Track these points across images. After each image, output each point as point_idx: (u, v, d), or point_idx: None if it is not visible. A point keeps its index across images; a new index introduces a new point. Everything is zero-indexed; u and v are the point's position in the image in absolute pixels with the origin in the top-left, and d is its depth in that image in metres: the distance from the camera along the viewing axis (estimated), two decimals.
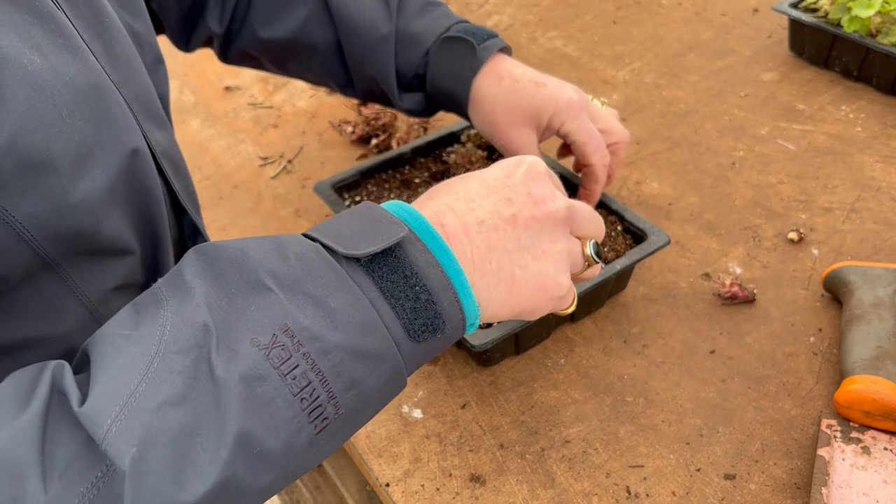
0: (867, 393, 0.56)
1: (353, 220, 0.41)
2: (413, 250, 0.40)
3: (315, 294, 0.37)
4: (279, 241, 0.39)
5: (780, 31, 1.07)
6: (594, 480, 0.58)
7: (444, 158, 0.82)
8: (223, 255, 0.37)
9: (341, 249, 0.38)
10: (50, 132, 0.37)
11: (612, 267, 0.65)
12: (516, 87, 0.66)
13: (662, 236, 0.67)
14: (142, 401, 0.33)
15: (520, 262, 0.44)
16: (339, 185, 0.77)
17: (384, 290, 0.39)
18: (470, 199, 0.45)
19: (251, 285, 0.36)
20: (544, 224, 0.45)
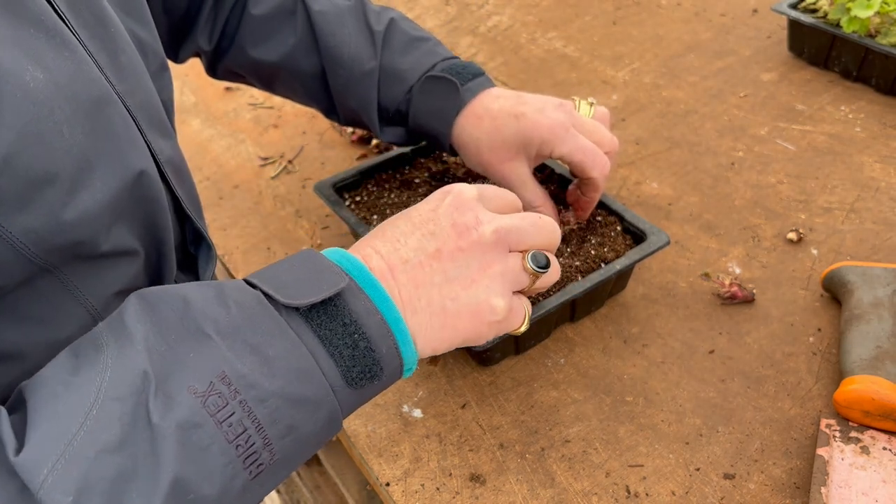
0: (866, 393, 0.56)
1: (295, 267, 0.42)
2: (353, 299, 0.40)
3: (254, 342, 0.37)
4: (221, 289, 0.39)
5: (779, 31, 1.07)
6: (594, 480, 0.58)
7: (445, 159, 0.82)
8: (165, 302, 0.38)
9: (281, 298, 0.39)
10: (49, 148, 0.37)
11: (612, 267, 0.65)
12: (496, 125, 0.65)
13: (662, 236, 0.67)
14: (80, 448, 0.33)
15: (449, 294, 0.44)
16: (340, 184, 0.77)
17: (323, 339, 0.40)
18: (395, 240, 0.45)
19: (191, 332, 0.37)
20: (471, 253, 0.45)
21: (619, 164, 0.88)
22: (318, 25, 0.68)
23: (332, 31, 0.68)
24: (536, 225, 0.48)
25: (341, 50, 0.68)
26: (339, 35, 0.68)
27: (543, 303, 0.62)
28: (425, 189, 0.78)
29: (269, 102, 1.06)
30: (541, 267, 0.47)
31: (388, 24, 0.70)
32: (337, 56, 0.68)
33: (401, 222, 0.46)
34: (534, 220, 0.48)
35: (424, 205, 0.47)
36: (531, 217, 0.48)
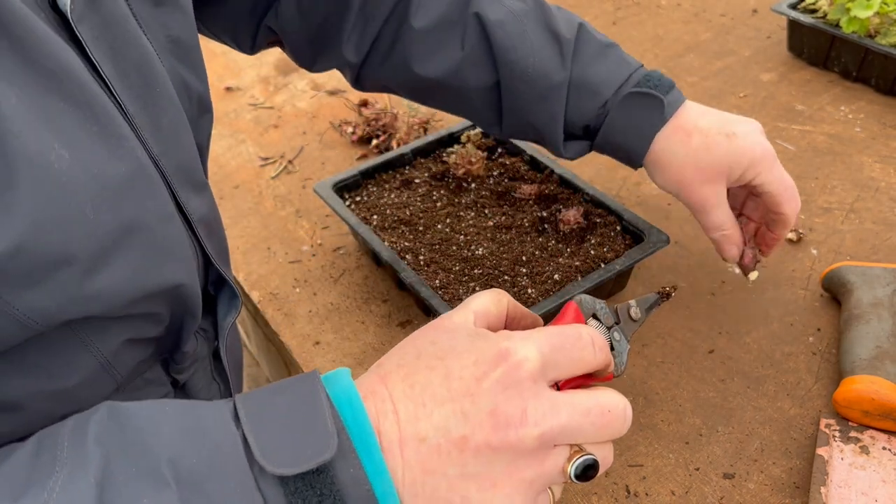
0: (866, 392, 0.56)
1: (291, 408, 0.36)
2: (342, 464, 0.35)
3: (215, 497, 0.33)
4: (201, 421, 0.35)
5: (779, 31, 1.07)
6: (594, 480, 0.58)
7: (444, 159, 0.82)
8: (134, 426, 0.34)
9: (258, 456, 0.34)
10: (69, 231, 0.35)
11: (612, 267, 0.65)
12: (706, 142, 0.60)
13: (661, 236, 0.67)
14: None
15: (461, 490, 0.37)
16: (340, 185, 0.78)
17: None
18: (422, 404, 0.37)
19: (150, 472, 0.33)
20: (502, 453, 0.36)
21: (618, 164, 0.88)
22: (496, 38, 0.60)
23: (513, 44, 0.60)
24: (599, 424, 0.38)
25: (525, 64, 0.60)
26: (522, 48, 0.60)
27: (543, 303, 0.63)
28: (425, 189, 0.79)
29: (269, 103, 1.06)
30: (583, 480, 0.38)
31: (578, 29, 0.62)
32: (519, 72, 0.61)
33: (437, 378, 0.38)
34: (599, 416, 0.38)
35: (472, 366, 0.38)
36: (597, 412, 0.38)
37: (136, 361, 0.45)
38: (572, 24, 0.62)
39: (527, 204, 0.76)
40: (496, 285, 0.66)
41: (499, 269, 0.68)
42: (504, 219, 0.74)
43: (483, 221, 0.74)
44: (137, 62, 0.43)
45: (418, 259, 0.70)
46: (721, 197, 0.62)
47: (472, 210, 0.76)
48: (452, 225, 0.74)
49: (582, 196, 0.74)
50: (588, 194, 0.74)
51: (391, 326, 0.72)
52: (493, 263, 0.69)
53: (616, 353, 0.45)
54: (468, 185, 0.79)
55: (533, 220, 0.73)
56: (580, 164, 0.88)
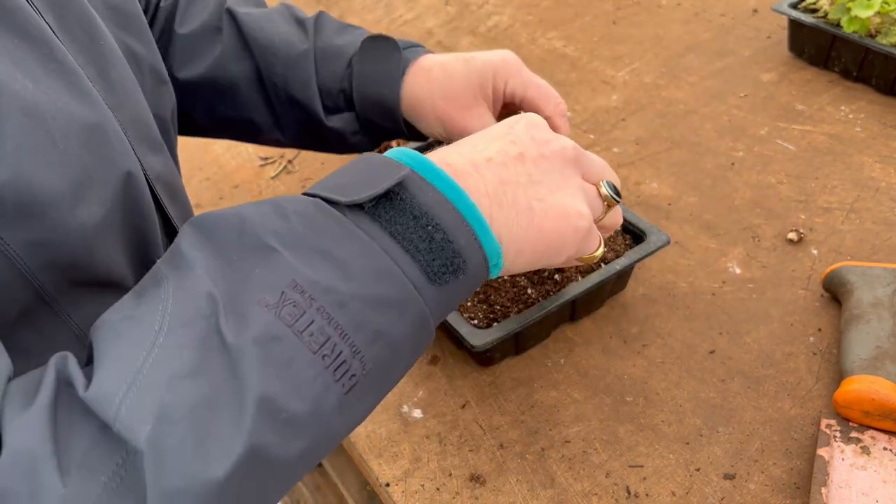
0: (866, 393, 0.56)
1: (352, 171, 0.39)
2: (418, 191, 0.38)
3: (322, 248, 0.35)
4: (277, 202, 0.37)
5: (779, 31, 1.07)
6: (594, 480, 0.58)
7: None
8: (221, 224, 0.36)
9: (342, 199, 0.37)
10: (45, 160, 0.36)
11: (612, 267, 0.65)
12: (446, 71, 0.62)
13: (662, 236, 0.67)
14: (150, 377, 0.31)
15: (535, 194, 0.43)
16: None
17: (395, 234, 0.37)
18: (474, 145, 0.44)
19: (253, 249, 0.35)
20: (553, 162, 0.44)
21: (618, 164, 0.88)
22: (245, 24, 0.65)
23: (260, 25, 0.65)
24: (606, 165, 0.49)
25: (272, 38, 0.65)
26: (268, 27, 0.65)
27: (543, 303, 0.62)
28: None
29: None
30: (616, 193, 0.47)
31: (318, 14, 0.68)
32: (268, 45, 0.65)
33: (476, 138, 0.45)
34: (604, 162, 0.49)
35: (496, 126, 0.46)
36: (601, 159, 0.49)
37: None
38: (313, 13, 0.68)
39: None
40: (496, 285, 0.66)
41: None
42: None
43: None
44: (78, 16, 0.44)
45: None
46: (485, 119, 0.63)
47: None
48: None
49: None
50: None
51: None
52: None
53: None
54: None
55: None
56: None
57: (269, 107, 0.67)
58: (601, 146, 0.91)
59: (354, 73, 0.64)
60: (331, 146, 0.70)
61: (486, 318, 0.63)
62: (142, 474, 0.30)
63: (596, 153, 0.90)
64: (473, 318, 0.63)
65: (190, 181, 0.94)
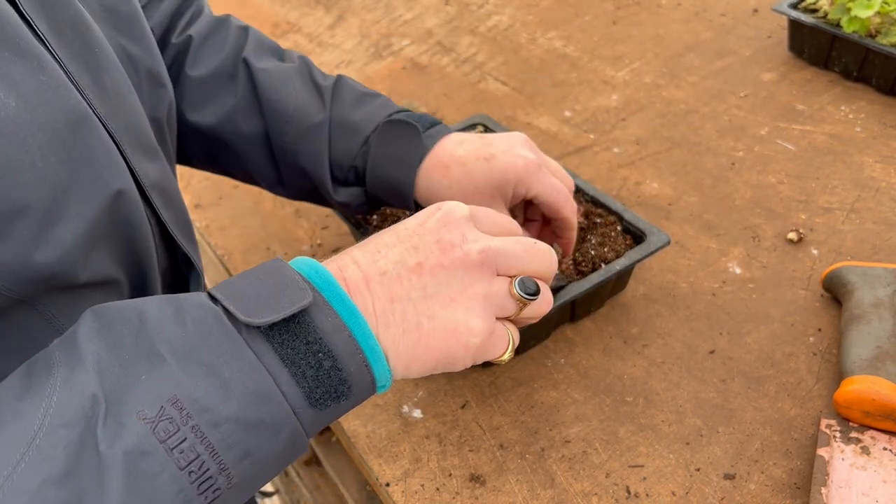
0: (867, 393, 0.56)
1: (260, 281, 0.39)
2: (319, 315, 0.38)
3: (210, 363, 0.35)
4: (180, 305, 0.37)
5: (779, 31, 1.07)
6: (594, 480, 0.58)
7: None
8: (120, 319, 0.36)
9: (241, 316, 0.37)
10: (20, 178, 0.35)
11: (612, 267, 0.65)
12: (466, 171, 0.60)
13: (662, 236, 0.67)
14: (21, 481, 0.31)
15: (426, 311, 0.42)
16: None
17: (284, 358, 0.37)
18: (376, 251, 0.43)
19: (145, 353, 0.35)
20: (453, 271, 0.42)
21: (618, 164, 0.88)
22: (261, 82, 0.63)
23: (276, 87, 0.63)
24: (530, 250, 0.45)
25: (286, 104, 0.63)
26: (284, 91, 0.63)
27: None
28: None
29: None
30: (528, 294, 0.44)
31: (336, 79, 0.66)
32: (282, 111, 0.63)
33: (386, 236, 0.45)
34: (528, 244, 0.45)
35: (413, 219, 0.45)
36: (526, 241, 0.45)
37: None
38: (331, 77, 0.67)
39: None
40: None
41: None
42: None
43: None
44: (72, 21, 0.43)
45: None
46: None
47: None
48: None
49: (582, 196, 0.74)
50: (588, 194, 0.73)
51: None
52: None
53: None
54: None
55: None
56: (580, 164, 0.88)
57: (275, 167, 0.66)
58: (601, 146, 0.91)
59: (371, 153, 0.62)
60: (333, 207, 0.70)
61: None
62: None
63: (596, 153, 0.90)
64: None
65: (190, 181, 0.94)
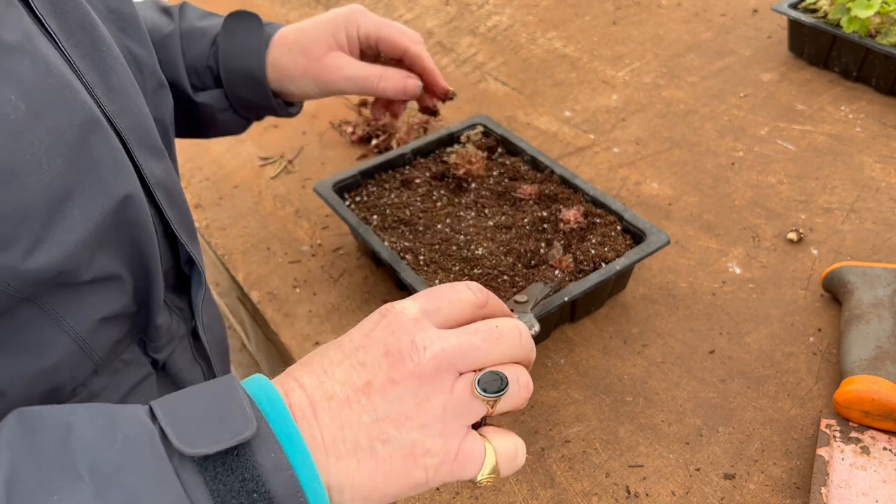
0: (866, 393, 0.56)
1: (207, 401, 0.36)
2: (262, 448, 0.34)
3: (133, 488, 0.32)
4: (114, 418, 0.34)
5: (779, 31, 1.07)
6: (594, 480, 0.58)
7: (444, 159, 0.82)
8: (45, 427, 0.34)
9: (176, 442, 0.33)
10: (25, 181, 0.36)
11: (612, 266, 0.65)
12: (300, 30, 0.68)
13: (662, 236, 0.67)
14: None
15: (379, 435, 0.37)
16: (340, 185, 0.77)
17: (214, 494, 0.33)
18: (322, 371, 0.39)
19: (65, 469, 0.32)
20: (405, 385, 0.38)
21: (618, 164, 0.88)
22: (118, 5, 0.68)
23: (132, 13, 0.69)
24: (490, 337, 0.40)
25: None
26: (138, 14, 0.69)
27: (543, 303, 0.62)
28: (425, 189, 0.79)
29: None
30: (492, 392, 0.39)
31: (182, 3, 0.71)
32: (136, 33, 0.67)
33: (331, 351, 0.40)
34: (488, 331, 0.40)
35: (358, 329, 0.41)
36: (486, 328, 0.40)
37: (111, 341, 0.46)
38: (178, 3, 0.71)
39: (527, 204, 0.75)
40: (495, 285, 0.66)
41: (498, 268, 0.68)
42: (504, 219, 0.74)
43: (483, 221, 0.74)
44: (80, 21, 0.44)
45: (418, 259, 0.70)
46: (344, 59, 0.68)
47: (472, 210, 0.76)
48: (452, 225, 0.74)
49: (582, 196, 0.74)
50: (588, 194, 0.74)
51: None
52: (492, 263, 0.69)
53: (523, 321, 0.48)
54: (468, 185, 0.79)
55: (533, 219, 0.73)
56: (580, 164, 0.88)
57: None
58: (601, 146, 0.91)
59: (220, 49, 0.68)
60: (203, 127, 0.73)
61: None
62: None
63: (596, 153, 0.90)
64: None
65: (190, 181, 0.94)
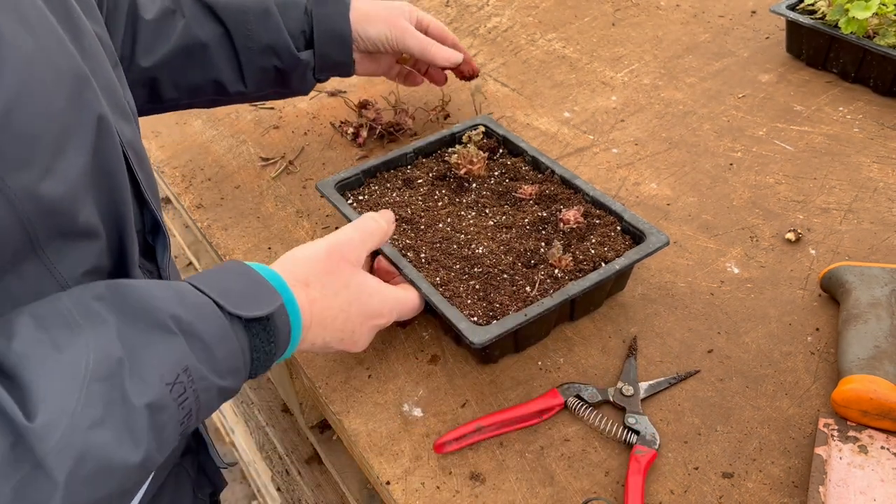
0: (864, 392, 0.56)
1: (235, 279, 0.50)
2: (278, 315, 0.51)
3: (208, 342, 0.45)
4: (178, 290, 0.46)
5: (777, 32, 1.07)
6: (593, 479, 0.58)
7: (446, 159, 0.82)
8: (133, 295, 0.44)
9: (229, 307, 0.47)
10: (37, 108, 0.41)
11: (612, 266, 0.65)
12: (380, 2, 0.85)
13: (661, 237, 0.67)
14: (79, 420, 0.38)
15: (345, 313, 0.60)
16: (342, 183, 0.78)
17: (253, 346, 0.50)
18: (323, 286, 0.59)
19: (158, 325, 0.43)
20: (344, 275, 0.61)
21: (617, 165, 0.88)
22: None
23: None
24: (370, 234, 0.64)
25: (237, 2, 0.78)
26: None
27: (543, 301, 0.63)
28: (427, 188, 0.79)
29: (269, 103, 1.06)
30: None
31: None
32: (237, 8, 0.78)
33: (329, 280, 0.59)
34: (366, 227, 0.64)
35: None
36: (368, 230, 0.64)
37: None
38: None
39: (527, 204, 0.76)
40: (495, 283, 0.67)
41: (498, 267, 0.68)
42: (504, 218, 0.75)
43: (483, 221, 0.75)
44: None
45: (419, 257, 0.70)
46: (413, 29, 0.86)
47: (472, 209, 0.76)
48: (453, 224, 0.74)
49: (583, 196, 0.75)
50: (588, 195, 0.74)
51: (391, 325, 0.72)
52: (492, 262, 0.69)
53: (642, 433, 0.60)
54: (469, 185, 0.79)
55: (533, 219, 0.74)
56: (580, 165, 0.89)
57: (236, 63, 0.80)
58: (600, 147, 0.91)
59: (314, 15, 0.81)
60: (289, 86, 0.85)
61: (485, 315, 0.64)
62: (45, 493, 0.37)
63: (595, 154, 0.90)
64: (473, 315, 0.64)
65: (192, 182, 0.94)
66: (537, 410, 0.62)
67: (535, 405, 0.62)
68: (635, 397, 0.62)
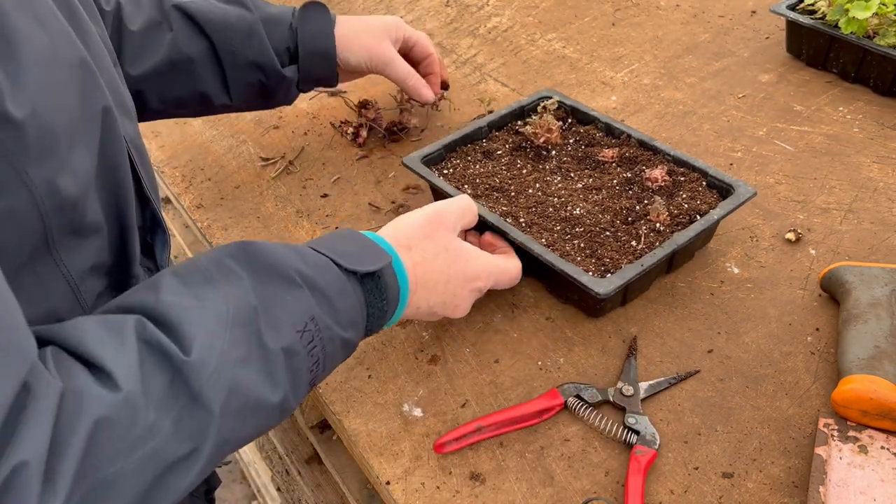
0: (864, 392, 0.56)
1: (348, 243, 0.54)
2: (387, 272, 0.55)
3: (330, 295, 0.50)
4: (298, 249, 0.51)
5: (777, 32, 1.07)
6: (593, 479, 0.58)
7: (518, 130, 0.85)
8: (262, 253, 0.49)
9: (345, 264, 0.52)
10: (54, 104, 0.42)
11: (710, 217, 0.69)
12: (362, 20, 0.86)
13: (748, 189, 0.71)
14: (225, 359, 0.43)
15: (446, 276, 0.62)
16: (427, 158, 0.80)
17: (368, 301, 0.54)
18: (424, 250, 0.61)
19: (285, 279, 0.48)
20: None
21: None
22: (196, 12, 0.78)
23: (210, 9, 0.79)
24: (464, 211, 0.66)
25: (226, 18, 0.79)
26: (216, 11, 0.79)
27: (655, 252, 0.66)
28: (507, 158, 0.82)
29: None
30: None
31: None
32: (223, 23, 0.79)
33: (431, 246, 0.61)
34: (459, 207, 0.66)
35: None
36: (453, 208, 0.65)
37: (97, 292, 0.52)
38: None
39: (610, 166, 0.79)
40: (600, 241, 0.70)
41: (599, 226, 0.72)
42: (591, 181, 0.78)
43: (571, 184, 0.78)
44: None
45: (519, 222, 0.73)
46: (395, 53, 0.87)
47: (557, 175, 0.79)
48: (543, 189, 0.77)
49: (663, 156, 0.78)
50: (670, 154, 0.77)
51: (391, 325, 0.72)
52: (592, 221, 0.72)
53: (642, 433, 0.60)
54: (549, 153, 0.82)
55: (620, 180, 0.77)
56: None
57: (222, 77, 0.81)
58: None
59: (299, 31, 0.82)
60: (274, 99, 0.86)
61: (597, 270, 0.67)
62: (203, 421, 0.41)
63: None
64: (588, 270, 0.66)
65: (192, 182, 0.94)
66: (537, 410, 0.62)
67: (535, 405, 0.62)
68: (635, 397, 0.62)
